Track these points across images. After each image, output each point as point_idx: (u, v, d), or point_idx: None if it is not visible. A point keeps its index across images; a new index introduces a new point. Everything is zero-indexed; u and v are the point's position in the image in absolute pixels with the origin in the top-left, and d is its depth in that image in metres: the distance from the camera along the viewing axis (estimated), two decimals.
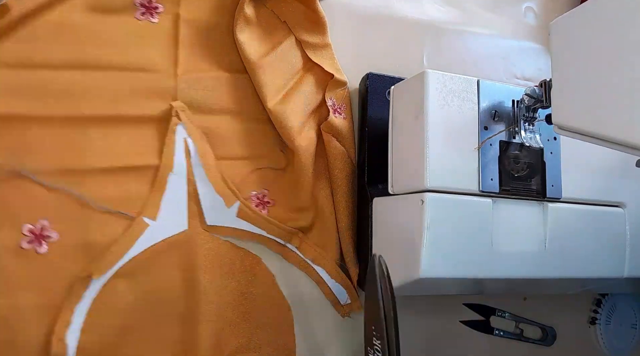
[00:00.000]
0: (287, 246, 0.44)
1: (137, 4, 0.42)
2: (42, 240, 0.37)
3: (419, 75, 0.39)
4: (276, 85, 0.44)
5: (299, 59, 0.46)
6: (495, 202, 0.39)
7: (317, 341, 0.45)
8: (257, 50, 0.43)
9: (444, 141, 0.37)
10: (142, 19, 0.42)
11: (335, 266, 0.45)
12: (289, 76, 0.45)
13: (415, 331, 0.49)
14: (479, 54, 0.56)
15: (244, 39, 0.43)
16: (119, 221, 0.40)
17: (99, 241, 0.39)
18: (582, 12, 0.31)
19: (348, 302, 0.45)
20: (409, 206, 0.38)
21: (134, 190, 0.40)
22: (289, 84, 0.44)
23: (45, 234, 0.38)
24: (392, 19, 0.52)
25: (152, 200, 0.40)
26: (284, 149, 0.45)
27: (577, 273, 0.41)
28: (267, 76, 0.43)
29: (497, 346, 0.52)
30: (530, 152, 0.40)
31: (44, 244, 0.37)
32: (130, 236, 0.39)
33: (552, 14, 0.61)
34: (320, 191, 0.45)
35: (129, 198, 0.40)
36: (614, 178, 0.44)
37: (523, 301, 0.54)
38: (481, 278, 0.38)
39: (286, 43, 0.45)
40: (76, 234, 0.38)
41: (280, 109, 0.43)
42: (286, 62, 0.45)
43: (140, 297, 0.39)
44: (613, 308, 0.57)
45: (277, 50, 0.44)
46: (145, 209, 0.40)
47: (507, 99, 0.40)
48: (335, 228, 0.45)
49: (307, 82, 0.45)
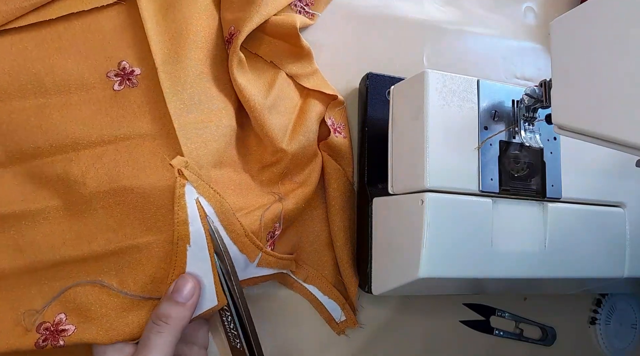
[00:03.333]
0: (284, 272, 0.43)
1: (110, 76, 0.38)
2: (58, 335, 0.34)
3: (418, 75, 0.39)
4: (282, 125, 0.42)
5: (295, 93, 0.45)
6: (495, 202, 0.39)
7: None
8: (258, 92, 0.41)
9: (443, 141, 0.37)
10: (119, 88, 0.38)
11: (328, 284, 0.44)
12: (291, 111, 0.44)
13: (415, 331, 0.49)
14: (479, 54, 0.56)
15: (244, 82, 0.40)
16: (147, 306, 0.35)
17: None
18: (582, 11, 0.31)
19: (343, 319, 0.45)
20: (409, 206, 0.38)
21: (149, 273, 0.34)
22: (292, 120, 0.43)
23: (60, 329, 0.34)
24: (392, 19, 0.52)
25: (172, 279, 0.34)
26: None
27: (577, 273, 0.41)
28: (274, 116, 0.41)
29: (497, 346, 0.52)
30: (530, 152, 0.40)
31: (60, 339, 0.34)
32: None
33: (552, 14, 0.61)
34: (313, 210, 0.45)
35: (152, 281, 0.35)
36: (614, 178, 0.44)
37: (523, 301, 0.54)
38: (481, 278, 0.38)
39: (280, 80, 0.44)
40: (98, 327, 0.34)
41: (296, 146, 0.41)
42: (286, 98, 0.44)
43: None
44: (613, 308, 0.57)
45: (274, 89, 0.43)
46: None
47: (507, 99, 0.40)
48: (329, 246, 0.45)
49: (308, 112, 0.44)
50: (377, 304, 0.47)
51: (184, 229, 0.34)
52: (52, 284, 0.35)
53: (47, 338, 0.33)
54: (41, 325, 0.34)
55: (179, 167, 0.35)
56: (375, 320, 0.47)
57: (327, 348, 0.45)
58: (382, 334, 0.47)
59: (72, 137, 0.36)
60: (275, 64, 0.44)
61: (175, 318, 0.32)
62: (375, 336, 0.47)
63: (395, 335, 0.48)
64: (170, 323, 0.32)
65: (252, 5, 0.41)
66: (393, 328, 0.48)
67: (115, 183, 0.35)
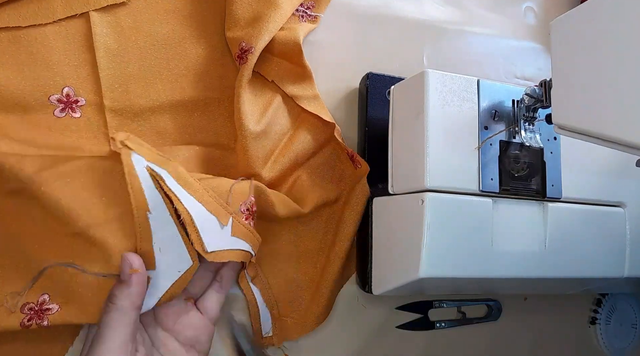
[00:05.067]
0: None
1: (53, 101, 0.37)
2: (42, 314, 0.34)
3: (419, 75, 0.39)
4: (268, 150, 0.41)
5: (288, 120, 0.44)
6: (495, 202, 0.39)
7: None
8: (252, 115, 0.40)
9: (444, 140, 0.37)
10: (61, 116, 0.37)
11: (271, 293, 0.43)
12: (280, 138, 0.43)
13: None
14: (479, 54, 0.56)
15: (244, 101, 0.40)
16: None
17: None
18: (582, 11, 0.31)
19: (269, 335, 0.43)
20: (409, 206, 0.38)
21: (117, 249, 0.33)
22: (279, 147, 0.43)
23: (45, 308, 0.34)
24: (392, 19, 0.52)
25: (142, 250, 0.34)
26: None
27: (577, 272, 0.41)
28: (261, 141, 0.41)
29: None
30: (531, 152, 0.40)
31: (44, 318, 0.34)
32: None
33: (552, 14, 0.61)
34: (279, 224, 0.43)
35: (117, 256, 0.34)
36: (614, 178, 0.44)
37: (524, 301, 0.54)
38: (481, 278, 0.38)
39: (275, 104, 0.43)
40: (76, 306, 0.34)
41: (275, 173, 0.41)
42: (278, 124, 0.43)
43: None
44: (613, 308, 0.57)
45: (269, 112, 0.42)
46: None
47: (507, 99, 0.40)
48: (289, 261, 0.44)
49: (297, 143, 0.43)
50: (377, 304, 0.47)
51: (140, 197, 0.33)
52: (30, 267, 0.35)
53: (32, 318, 0.33)
54: (25, 306, 0.34)
55: (121, 139, 0.34)
56: (376, 320, 0.47)
57: (325, 348, 0.45)
58: (383, 334, 0.47)
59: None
60: (276, 84, 0.44)
61: (120, 296, 0.32)
62: (376, 336, 0.47)
63: (395, 335, 0.48)
64: (117, 301, 0.32)
65: (260, 22, 0.40)
66: (393, 329, 0.48)
67: (58, 168, 0.34)
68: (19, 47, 0.37)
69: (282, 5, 0.42)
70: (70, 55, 0.38)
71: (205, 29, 0.43)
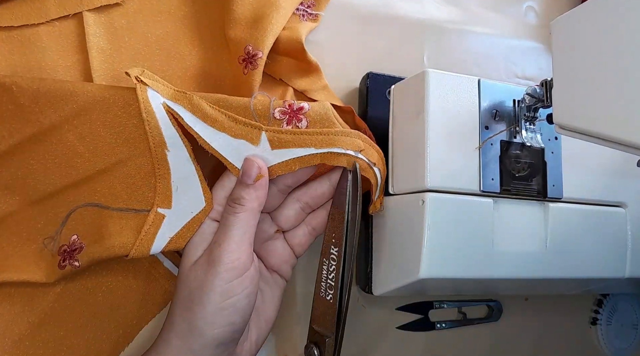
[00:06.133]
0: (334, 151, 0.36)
1: None
2: (73, 254, 0.34)
3: (419, 74, 0.39)
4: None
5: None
6: (496, 202, 0.38)
7: None
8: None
9: (444, 140, 0.37)
10: None
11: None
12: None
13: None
14: (480, 54, 0.55)
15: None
16: (135, 219, 0.35)
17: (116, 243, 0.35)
18: (583, 11, 0.30)
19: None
20: (410, 206, 0.38)
21: (140, 184, 0.34)
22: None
23: (74, 248, 0.35)
24: (392, 19, 0.51)
25: (160, 188, 0.34)
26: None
27: (579, 273, 0.41)
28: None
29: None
30: (531, 152, 0.40)
31: (75, 258, 0.35)
32: (148, 233, 0.35)
33: (553, 13, 0.61)
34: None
35: (143, 193, 0.35)
36: (615, 178, 0.44)
37: (524, 301, 0.54)
38: (482, 278, 0.38)
39: (288, 98, 0.43)
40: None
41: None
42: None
43: None
44: (614, 309, 0.57)
45: None
46: (157, 199, 0.34)
47: (508, 99, 0.40)
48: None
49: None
50: (377, 304, 0.47)
51: (158, 134, 0.33)
52: (56, 211, 0.36)
53: (65, 258, 0.34)
54: (61, 248, 0.35)
55: (136, 74, 0.33)
56: (376, 320, 0.47)
57: None
58: (383, 335, 0.47)
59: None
60: (285, 81, 0.44)
61: (248, 199, 0.34)
62: (376, 337, 0.47)
63: (395, 335, 0.48)
64: (245, 203, 0.34)
65: (263, 23, 0.40)
66: (393, 329, 0.48)
67: (75, 103, 0.34)
68: (12, 47, 0.37)
69: (283, 5, 0.42)
70: (63, 56, 0.38)
71: (200, 31, 0.43)
